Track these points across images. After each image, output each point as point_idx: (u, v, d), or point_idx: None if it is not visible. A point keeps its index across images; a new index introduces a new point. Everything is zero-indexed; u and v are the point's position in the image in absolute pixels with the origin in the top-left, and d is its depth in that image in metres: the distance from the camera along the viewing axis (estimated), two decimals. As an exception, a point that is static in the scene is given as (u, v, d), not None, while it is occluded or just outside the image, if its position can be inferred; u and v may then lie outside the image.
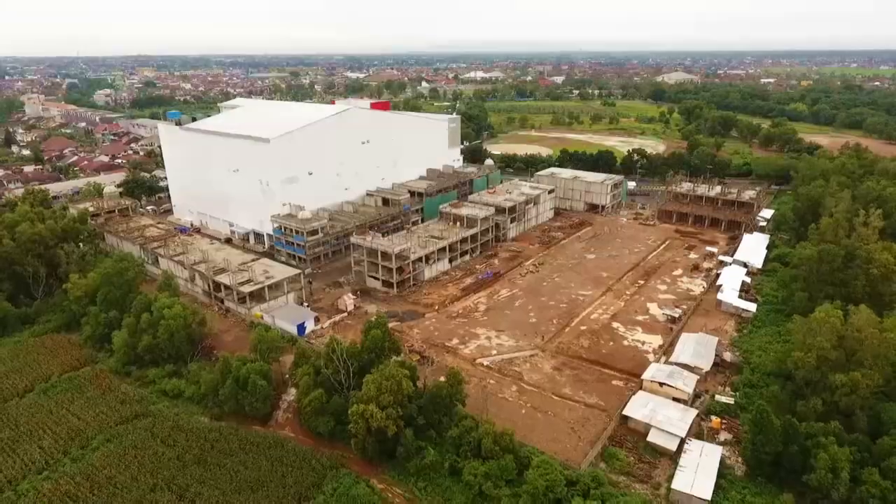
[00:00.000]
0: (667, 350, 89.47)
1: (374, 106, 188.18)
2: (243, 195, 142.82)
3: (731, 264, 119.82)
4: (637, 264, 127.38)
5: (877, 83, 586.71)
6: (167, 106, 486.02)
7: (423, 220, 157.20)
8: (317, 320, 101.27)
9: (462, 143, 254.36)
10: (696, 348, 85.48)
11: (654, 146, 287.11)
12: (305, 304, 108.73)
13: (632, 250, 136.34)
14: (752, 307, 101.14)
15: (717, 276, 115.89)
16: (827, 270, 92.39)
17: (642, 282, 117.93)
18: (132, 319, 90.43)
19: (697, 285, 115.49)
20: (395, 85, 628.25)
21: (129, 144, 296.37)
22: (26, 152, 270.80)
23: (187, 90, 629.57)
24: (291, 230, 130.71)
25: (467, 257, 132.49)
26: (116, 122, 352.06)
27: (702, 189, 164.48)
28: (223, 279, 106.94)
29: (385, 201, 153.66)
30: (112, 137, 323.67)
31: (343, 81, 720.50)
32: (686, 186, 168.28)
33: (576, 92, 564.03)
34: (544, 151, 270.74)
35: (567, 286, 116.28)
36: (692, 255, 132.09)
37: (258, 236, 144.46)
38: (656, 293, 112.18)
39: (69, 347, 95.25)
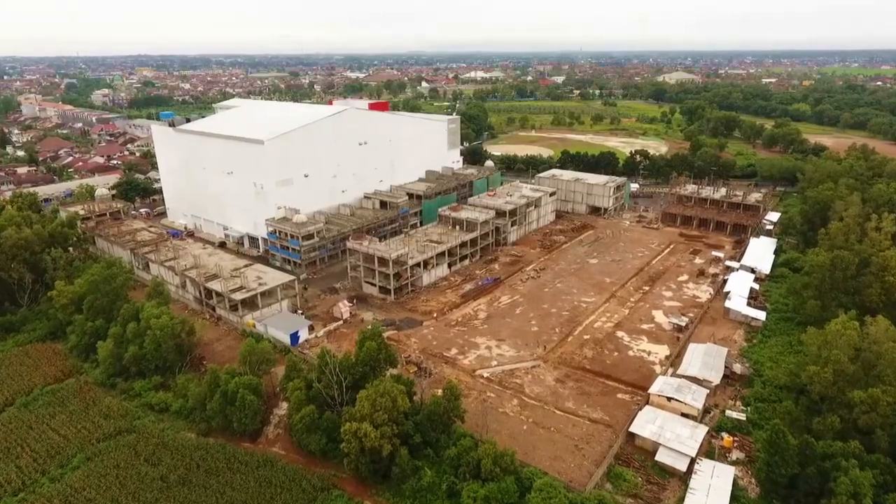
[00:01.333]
0: (674, 361, 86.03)
1: (372, 106, 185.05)
2: (237, 198, 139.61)
3: (738, 270, 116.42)
4: (641, 269, 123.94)
5: (879, 83, 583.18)
6: (165, 106, 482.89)
7: (421, 224, 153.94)
8: (311, 329, 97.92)
9: (462, 144, 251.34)
10: (705, 360, 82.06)
11: (657, 147, 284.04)
12: (300, 311, 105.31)
13: (635, 255, 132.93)
14: (762, 315, 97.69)
15: (724, 282, 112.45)
16: (840, 278, 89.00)
17: (647, 288, 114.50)
18: (118, 329, 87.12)
19: (704, 292, 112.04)
20: (394, 85, 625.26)
21: (126, 145, 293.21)
22: (21, 153, 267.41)
23: (186, 90, 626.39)
24: (286, 234, 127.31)
25: (467, 262, 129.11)
26: (113, 122, 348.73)
27: (706, 191, 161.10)
28: (214, 286, 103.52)
29: (383, 204, 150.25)
30: (108, 138, 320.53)
31: (342, 81, 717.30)
32: (690, 188, 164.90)
33: (576, 92, 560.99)
34: (545, 152, 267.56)
35: (569, 292, 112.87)
36: (698, 260, 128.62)
37: (253, 240, 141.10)
38: (662, 300, 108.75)
39: (54, 357, 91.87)
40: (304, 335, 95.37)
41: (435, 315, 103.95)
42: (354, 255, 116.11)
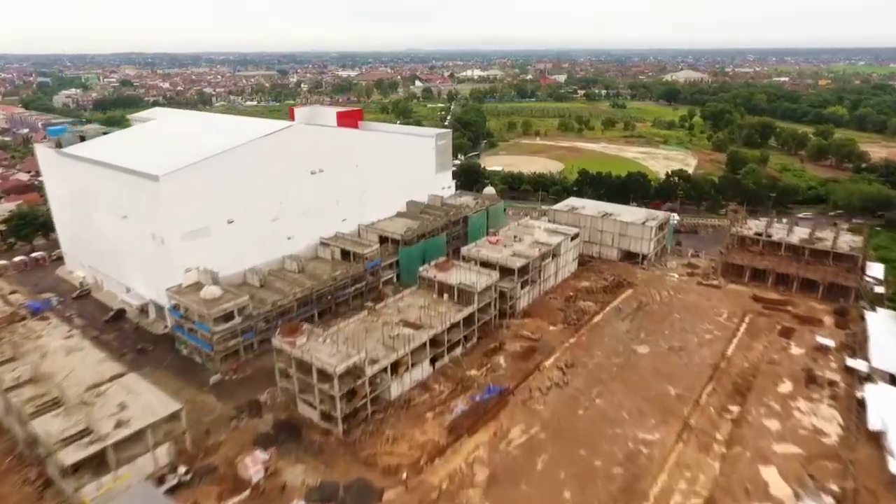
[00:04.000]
0: None
1: (341, 116, 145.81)
2: (137, 252, 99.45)
3: (871, 377, 76.48)
4: (716, 367, 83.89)
5: (893, 82, 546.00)
6: (134, 108, 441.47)
7: (398, 278, 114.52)
8: (190, 516, 57.66)
9: (456, 157, 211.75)
10: None
11: (684, 159, 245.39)
12: (182, 469, 64.64)
13: (700, 336, 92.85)
14: (957, 491, 57.71)
15: (860, 402, 72.49)
16: None
17: (735, 409, 74.39)
18: None
19: (828, 419, 71.92)
20: (385, 84, 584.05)
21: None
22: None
23: (164, 90, 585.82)
24: (193, 314, 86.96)
25: (458, 351, 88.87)
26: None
27: (778, 231, 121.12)
28: (41, 427, 63.09)
29: (345, 254, 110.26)
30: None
31: (332, 80, 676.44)
32: (755, 226, 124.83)
33: (581, 92, 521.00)
34: (554, 166, 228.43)
35: (617, 418, 72.72)
36: (794, 349, 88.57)
37: (160, 310, 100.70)
38: (767, 440, 68.59)
39: None
40: (171, 536, 55.12)
41: (404, 473, 63.62)
42: (283, 358, 75.66)
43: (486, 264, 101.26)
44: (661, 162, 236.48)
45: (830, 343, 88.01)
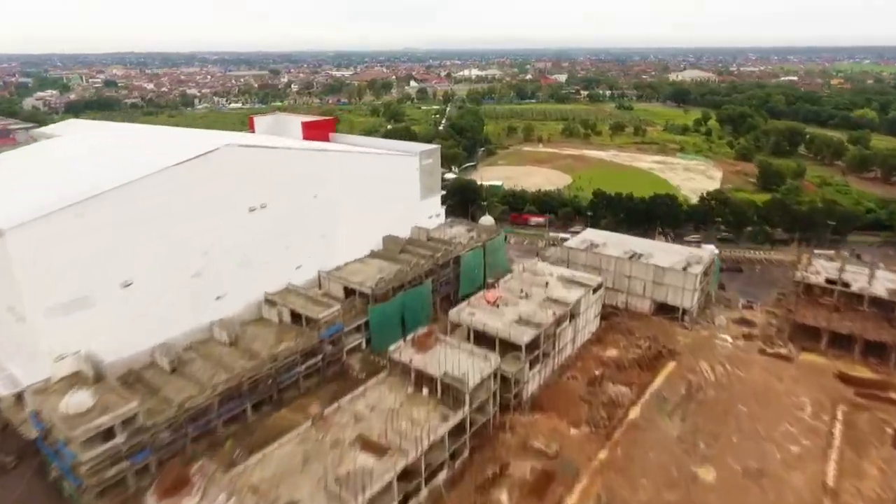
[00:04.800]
0: None
1: (308, 127, 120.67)
2: (2, 326, 72.62)
3: None
4: (819, 510, 57.30)
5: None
6: (111, 110, 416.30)
7: (368, 343, 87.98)
8: None
9: (450, 169, 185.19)
10: None
11: (706, 170, 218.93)
12: None
13: (782, 447, 66.05)
14: None
15: None
16: None
17: None
18: None
19: None
20: (378, 84, 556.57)
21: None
22: None
23: (148, 90, 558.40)
24: (54, 431, 60.16)
25: (442, 477, 62.08)
26: (14, 135, 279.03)
27: (857, 278, 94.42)
28: None
29: (296, 316, 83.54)
30: None
31: (325, 80, 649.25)
32: (823, 270, 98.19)
33: (584, 93, 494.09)
34: (560, 178, 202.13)
35: None
36: (925, 474, 62.01)
37: (38, 400, 73.75)
38: None
39: None
40: None
41: None
42: (166, 528, 48.76)
43: (482, 336, 74.86)
44: (680, 174, 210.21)
45: (980, 468, 61.39)
